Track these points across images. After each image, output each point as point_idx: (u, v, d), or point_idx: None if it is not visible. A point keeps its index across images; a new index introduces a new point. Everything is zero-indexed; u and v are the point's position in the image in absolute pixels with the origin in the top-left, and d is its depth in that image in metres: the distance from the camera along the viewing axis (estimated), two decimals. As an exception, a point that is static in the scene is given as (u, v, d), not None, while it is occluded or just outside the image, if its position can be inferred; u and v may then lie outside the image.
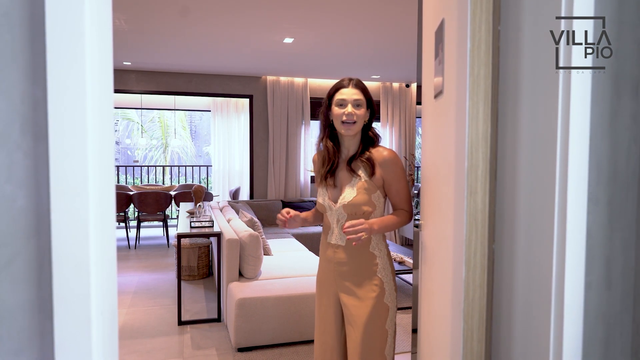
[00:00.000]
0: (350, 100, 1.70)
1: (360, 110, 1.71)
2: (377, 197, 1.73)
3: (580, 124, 0.96)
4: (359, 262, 1.74)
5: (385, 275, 1.75)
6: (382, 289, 1.73)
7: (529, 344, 1.12)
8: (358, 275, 1.74)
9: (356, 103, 1.70)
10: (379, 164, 1.72)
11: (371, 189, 1.71)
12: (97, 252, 0.71)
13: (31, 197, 0.68)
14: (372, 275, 1.73)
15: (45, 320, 0.70)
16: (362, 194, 1.70)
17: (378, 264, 1.74)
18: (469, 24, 1.11)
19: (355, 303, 1.73)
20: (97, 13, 0.70)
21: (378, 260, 1.74)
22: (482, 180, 1.15)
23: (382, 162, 1.72)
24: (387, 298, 1.74)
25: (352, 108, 1.69)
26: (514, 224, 1.17)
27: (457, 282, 1.24)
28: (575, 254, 0.97)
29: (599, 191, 1.00)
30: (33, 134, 0.68)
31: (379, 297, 1.72)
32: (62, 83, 0.66)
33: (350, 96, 1.70)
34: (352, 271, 1.75)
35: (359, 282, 1.74)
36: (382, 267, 1.75)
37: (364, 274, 1.74)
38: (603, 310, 1.03)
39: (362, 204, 1.70)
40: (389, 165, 1.72)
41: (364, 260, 1.74)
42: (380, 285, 1.73)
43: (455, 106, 1.25)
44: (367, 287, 1.72)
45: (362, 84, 1.75)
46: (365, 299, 1.72)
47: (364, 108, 1.72)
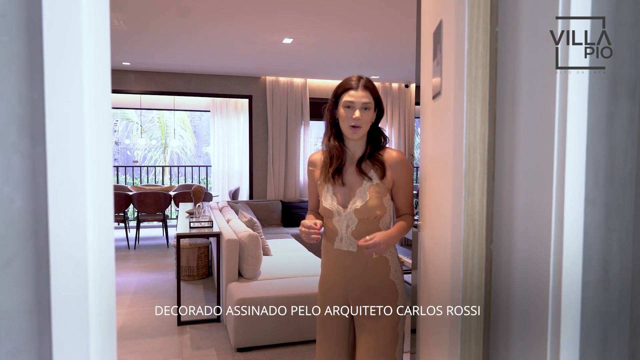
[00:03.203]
0: (359, 104, 1.60)
1: (368, 114, 1.62)
2: (387, 200, 1.68)
3: (577, 124, 0.96)
4: (372, 267, 1.68)
5: (397, 277, 1.72)
6: (396, 292, 1.70)
7: (527, 344, 1.12)
8: (372, 280, 1.69)
9: (364, 107, 1.61)
10: (390, 166, 1.67)
11: (382, 192, 1.65)
12: (95, 253, 0.71)
13: (29, 199, 0.69)
14: (386, 278, 1.69)
15: (44, 321, 0.70)
16: (375, 198, 1.63)
17: (391, 267, 1.70)
18: (467, 25, 1.11)
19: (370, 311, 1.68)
20: (94, 14, 0.71)
21: (391, 263, 1.71)
22: (480, 181, 1.16)
23: (393, 163, 1.67)
24: (400, 300, 1.71)
25: (360, 112, 1.60)
26: (512, 225, 1.17)
27: (455, 282, 1.24)
28: (572, 254, 0.98)
29: (596, 192, 1.01)
30: (31, 136, 0.68)
31: (393, 300, 1.69)
32: (60, 84, 0.67)
33: (359, 99, 1.60)
34: (365, 277, 1.69)
35: (373, 288, 1.68)
36: (395, 269, 1.71)
37: (377, 278, 1.69)
38: (600, 311, 1.03)
39: (376, 208, 1.64)
40: (399, 167, 1.67)
41: (377, 265, 1.68)
42: (394, 289, 1.70)
43: (453, 107, 1.25)
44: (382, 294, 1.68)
45: (371, 84, 1.65)
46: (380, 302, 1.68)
47: (372, 110, 1.64)
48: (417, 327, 1.94)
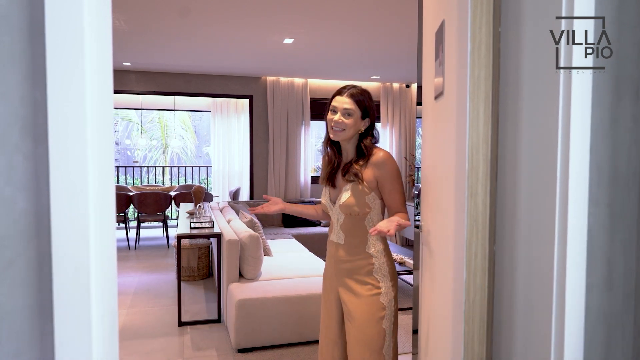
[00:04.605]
0: (340, 109, 1.76)
1: (349, 119, 1.75)
2: (372, 199, 1.78)
3: (581, 125, 0.96)
4: (356, 261, 1.80)
5: (382, 275, 1.79)
6: (378, 288, 1.78)
7: (530, 345, 1.12)
8: (355, 273, 1.81)
9: (346, 112, 1.75)
10: (374, 165, 1.77)
11: (365, 191, 1.77)
12: (98, 255, 0.70)
13: (31, 200, 0.68)
14: (368, 274, 1.79)
15: (46, 323, 0.70)
16: (355, 196, 1.77)
17: (374, 264, 1.79)
18: (470, 25, 1.11)
19: (352, 300, 1.80)
20: (97, 14, 0.70)
21: (374, 260, 1.79)
22: (483, 182, 1.15)
23: (376, 163, 1.77)
24: (383, 297, 1.77)
25: (341, 116, 1.75)
26: (515, 226, 1.17)
27: (458, 283, 1.23)
28: (576, 255, 0.97)
29: (600, 192, 1.00)
30: (33, 137, 0.68)
31: (375, 296, 1.77)
32: (62, 85, 0.66)
33: (341, 104, 1.76)
34: (350, 269, 1.81)
35: (356, 279, 1.80)
36: (379, 267, 1.79)
37: (360, 272, 1.80)
38: (604, 312, 1.02)
39: (355, 205, 1.77)
40: (382, 166, 1.77)
41: (360, 260, 1.80)
42: (376, 284, 1.78)
43: (456, 107, 1.25)
44: (363, 286, 1.79)
45: (357, 95, 1.78)
46: (361, 296, 1.78)
47: (354, 117, 1.76)
48: (419, 328, 1.93)
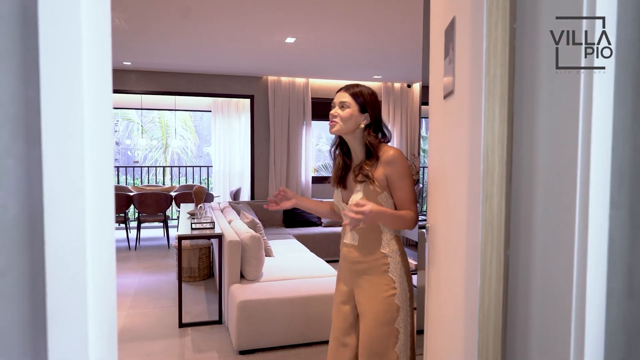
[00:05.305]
0: (337, 102, 1.80)
1: (345, 111, 1.77)
2: (385, 198, 1.76)
3: (602, 124, 0.91)
4: (370, 262, 1.78)
5: (398, 275, 1.77)
6: (393, 288, 1.76)
7: (547, 354, 1.07)
8: (370, 273, 1.79)
9: (341, 105, 1.78)
10: (384, 163, 1.75)
11: (377, 191, 1.75)
12: (95, 264, 0.66)
13: (24, 206, 0.64)
14: (384, 274, 1.77)
15: (39, 338, 0.65)
16: (367, 197, 1.75)
17: (389, 264, 1.77)
18: (485, 22, 1.06)
19: (366, 300, 1.78)
20: (95, 8, 0.66)
21: (389, 260, 1.77)
22: (499, 184, 1.10)
23: (386, 160, 1.74)
24: (398, 298, 1.76)
25: (337, 109, 1.79)
26: (531, 230, 1.12)
27: (471, 290, 1.19)
28: (597, 260, 0.93)
29: (621, 195, 0.96)
30: (25, 138, 0.63)
31: (390, 297, 1.75)
32: (57, 83, 0.61)
33: (338, 99, 1.80)
34: (365, 269, 1.80)
35: (371, 280, 1.79)
36: (394, 267, 1.77)
37: (375, 272, 1.78)
38: (625, 319, 0.98)
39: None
40: (391, 163, 1.74)
41: (374, 260, 1.78)
42: (391, 284, 1.76)
43: (469, 107, 1.20)
44: (378, 286, 1.77)
45: (354, 88, 1.81)
46: (376, 297, 1.76)
47: (350, 109, 1.77)
48: (425, 328, 1.90)
